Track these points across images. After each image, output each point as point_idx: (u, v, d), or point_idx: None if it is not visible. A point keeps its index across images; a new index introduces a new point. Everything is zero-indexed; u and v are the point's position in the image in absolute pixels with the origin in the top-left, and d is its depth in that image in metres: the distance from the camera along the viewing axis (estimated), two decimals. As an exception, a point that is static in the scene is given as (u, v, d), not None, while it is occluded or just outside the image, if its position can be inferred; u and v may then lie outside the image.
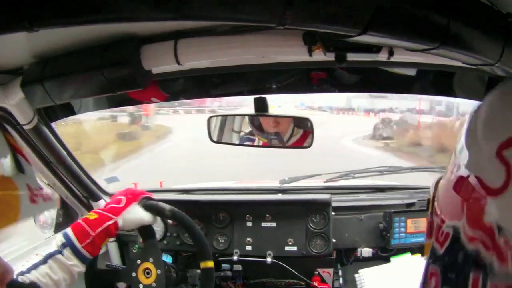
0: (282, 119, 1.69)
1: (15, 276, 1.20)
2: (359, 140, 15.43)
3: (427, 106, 18.79)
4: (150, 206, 1.60)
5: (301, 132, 1.70)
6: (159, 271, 1.63)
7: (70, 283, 1.38)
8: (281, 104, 1.73)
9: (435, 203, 0.59)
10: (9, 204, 0.64)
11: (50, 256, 1.35)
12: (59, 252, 1.36)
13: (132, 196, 1.57)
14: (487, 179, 0.46)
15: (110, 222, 1.45)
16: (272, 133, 1.71)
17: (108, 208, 1.50)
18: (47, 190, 0.73)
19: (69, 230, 1.41)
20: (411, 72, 1.39)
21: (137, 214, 1.56)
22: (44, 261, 1.34)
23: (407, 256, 1.90)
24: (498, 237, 0.43)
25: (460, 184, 0.52)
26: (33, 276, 1.29)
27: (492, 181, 0.45)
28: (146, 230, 1.64)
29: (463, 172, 0.52)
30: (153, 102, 1.70)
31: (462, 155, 0.54)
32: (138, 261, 1.65)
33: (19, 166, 0.70)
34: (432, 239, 0.56)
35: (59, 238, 1.40)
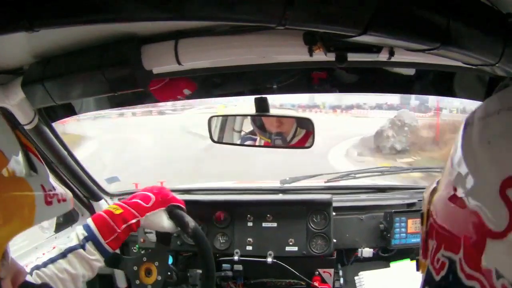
0: (285, 119, 1.68)
1: (28, 271, 1.18)
2: (353, 155, 11.69)
3: (397, 101, 17.50)
4: (176, 216, 1.57)
5: (303, 132, 1.69)
6: (159, 277, 1.63)
7: (88, 278, 1.35)
8: (237, 103, 1.71)
9: (430, 220, 0.55)
10: (24, 206, 0.64)
11: (71, 250, 1.32)
12: (81, 246, 1.33)
13: (162, 200, 1.54)
14: (488, 218, 0.42)
15: (134, 220, 1.43)
16: (275, 133, 1.70)
17: (134, 204, 1.47)
18: (60, 190, 0.73)
19: (91, 223, 1.38)
20: (411, 71, 1.39)
21: (160, 220, 1.53)
22: (63, 255, 1.31)
23: (407, 262, 1.91)
24: (496, 282, 0.40)
25: (458, 213, 0.47)
26: (49, 271, 1.25)
27: (493, 222, 0.41)
28: (164, 235, 1.64)
29: (461, 196, 0.47)
30: (163, 101, 1.70)
31: (460, 170, 0.48)
32: (144, 259, 1.65)
33: (31, 166, 0.70)
34: (428, 261, 0.53)
35: (80, 231, 1.37)
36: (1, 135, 0.66)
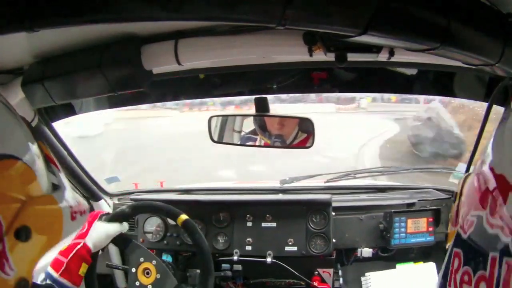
0: (287, 121, 1.68)
1: None
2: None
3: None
4: (110, 217, 1.59)
5: (304, 136, 1.69)
6: (158, 276, 1.63)
7: None
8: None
9: (462, 197, 0.67)
10: (54, 223, 0.61)
11: None
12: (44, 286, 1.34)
13: (91, 217, 1.56)
14: (510, 178, 0.53)
15: (79, 246, 1.43)
16: (275, 134, 1.70)
17: (75, 236, 1.49)
18: (79, 200, 0.70)
19: (48, 266, 1.39)
20: (413, 71, 1.39)
21: (102, 230, 1.54)
22: None
23: (411, 264, 1.92)
24: None
25: (488, 179, 0.58)
26: None
27: None
28: (120, 240, 1.64)
29: (489, 169, 0.59)
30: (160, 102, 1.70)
31: (488, 156, 0.61)
32: (141, 259, 1.65)
33: (54, 179, 0.66)
34: (457, 227, 0.64)
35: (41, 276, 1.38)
36: (29, 150, 0.63)
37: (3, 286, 0.52)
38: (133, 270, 1.65)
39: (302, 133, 1.68)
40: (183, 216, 1.61)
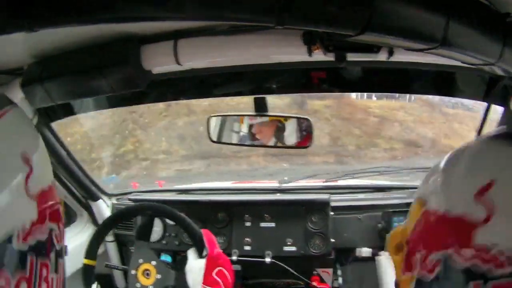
0: (264, 129, 1.67)
1: None
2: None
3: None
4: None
5: (299, 142, 1.69)
6: (158, 276, 1.63)
7: None
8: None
9: (411, 243, 0.67)
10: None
11: None
12: None
13: None
14: (471, 217, 0.55)
15: None
16: (255, 139, 1.70)
17: None
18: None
19: None
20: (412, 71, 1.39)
21: None
22: None
23: None
24: (491, 252, 0.52)
25: (446, 220, 0.59)
26: None
27: (476, 218, 0.55)
28: (143, 231, 1.65)
29: (445, 210, 0.60)
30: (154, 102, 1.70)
31: (436, 202, 0.63)
32: (140, 261, 1.65)
33: None
34: (415, 272, 0.63)
35: None
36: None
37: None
38: (133, 272, 1.65)
39: (278, 140, 1.68)
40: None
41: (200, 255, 1.61)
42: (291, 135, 1.68)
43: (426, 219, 0.64)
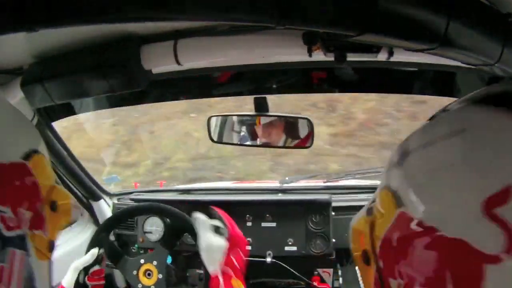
0: (274, 130, 1.67)
1: None
2: None
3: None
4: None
5: (298, 142, 1.69)
6: (160, 276, 1.63)
7: None
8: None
9: (382, 260, 0.48)
10: (67, 207, 0.71)
11: None
12: None
13: None
14: (479, 244, 0.37)
15: None
16: (263, 143, 1.70)
17: None
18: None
19: None
20: (412, 71, 1.39)
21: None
22: None
23: None
24: None
25: (433, 245, 0.41)
26: None
27: (487, 246, 0.37)
28: (169, 238, 1.69)
29: (436, 225, 0.41)
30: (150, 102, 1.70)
31: (420, 205, 0.43)
32: (142, 261, 1.65)
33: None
34: None
35: None
36: (44, 145, 0.70)
37: (43, 242, 0.63)
38: (134, 272, 1.65)
39: (292, 139, 1.68)
40: None
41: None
42: (291, 135, 1.68)
43: (404, 231, 0.44)
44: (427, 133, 0.48)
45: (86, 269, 1.58)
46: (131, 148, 6.80)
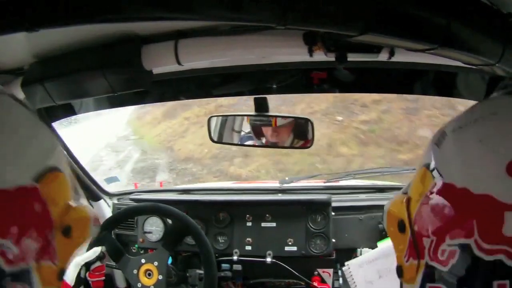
0: (282, 129, 1.68)
1: None
2: None
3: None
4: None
5: (301, 143, 1.69)
6: (160, 277, 1.63)
7: None
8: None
9: (416, 225, 0.57)
10: (85, 226, 0.66)
11: None
12: None
13: None
14: (501, 197, 0.46)
15: None
16: (271, 142, 1.70)
17: None
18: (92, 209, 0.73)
19: None
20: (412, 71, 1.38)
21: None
22: None
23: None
24: None
25: (463, 202, 0.50)
26: None
27: (507, 198, 0.46)
28: (171, 240, 1.70)
29: (463, 186, 0.50)
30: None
31: (453, 171, 0.53)
32: (143, 261, 1.65)
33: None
34: (423, 260, 0.55)
35: None
36: (64, 159, 0.66)
37: (51, 272, 0.58)
38: (135, 271, 1.65)
39: (299, 139, 1.68)
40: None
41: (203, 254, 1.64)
42: (295, 136, 1.68)
43: (439, 195, 0.53)
44: (461, 118, 0.57)
45: (87, 265, 1.59)
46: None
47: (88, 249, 1.64)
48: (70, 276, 1.53)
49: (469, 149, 0.52)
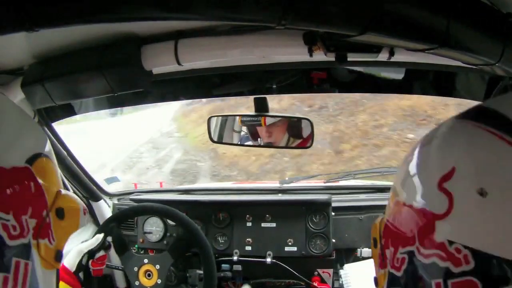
0: (275, 129, 1.67)
1: None
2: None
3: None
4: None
5: (298, 142, 1.69)
6: (159, 281, 1.64)
7: None
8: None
9: (382, 239, 0.66)
10: (75, 212, 0.70)
11: None
12: None
13: None
14: (433, 207, 0.53)
15: None
16: (266, 142, 1.70)
17: None
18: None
19: None
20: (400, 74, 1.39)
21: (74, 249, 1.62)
22: None
23: None
24: (450, 249, 0.51)
25: (408, 217, 0.58)
26: None
27: (437, 209, 0.53)
28: (118, 245, 1.71)
29: (409, 203, 0.58)
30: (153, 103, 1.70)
31: (404, 192, 0.61)
32: (145, 261, 1.65)
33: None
34: (387, 268, 0.63)
35: None
36: (50, 148, 0.68)
37: (49, 252, 0.62)
38: (135, 269, 1.65)
39: (294, 138, 1.68)
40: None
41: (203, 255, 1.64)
42: (293, 136, 1.68)
43: (395, 211, 0.62)
44: (420, 140, 0.64)
45: (91, 253, 1.60)
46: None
47: (92, 236, 1.67)
48: (71, 262, 1.55)
49: (413, 170, 0.60)
